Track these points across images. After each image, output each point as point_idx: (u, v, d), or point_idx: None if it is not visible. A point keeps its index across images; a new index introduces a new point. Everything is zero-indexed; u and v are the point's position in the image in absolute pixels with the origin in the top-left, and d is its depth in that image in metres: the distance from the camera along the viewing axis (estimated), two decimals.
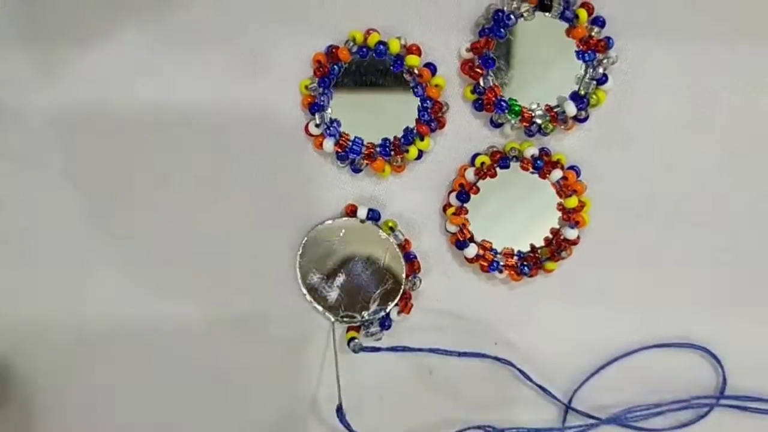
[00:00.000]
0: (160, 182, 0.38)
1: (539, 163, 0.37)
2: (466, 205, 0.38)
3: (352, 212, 0.38)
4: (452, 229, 0.38)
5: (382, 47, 0.35)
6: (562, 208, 0.38)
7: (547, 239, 0.38)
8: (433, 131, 0.37)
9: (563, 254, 0.38)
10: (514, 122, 0.36)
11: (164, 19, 0.36)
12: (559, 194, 0.38)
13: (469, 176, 0.37)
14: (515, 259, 0.39)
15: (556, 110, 0.36)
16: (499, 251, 0.39)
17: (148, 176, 0.38)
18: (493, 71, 0.36)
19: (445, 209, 0.38)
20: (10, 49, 0.36)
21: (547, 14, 0.35)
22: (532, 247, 0.39)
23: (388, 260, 0.38)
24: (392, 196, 0.39)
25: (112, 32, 0.36)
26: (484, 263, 0.38)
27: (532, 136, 0.37)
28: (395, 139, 0.37)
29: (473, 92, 0.36)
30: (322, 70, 0.36)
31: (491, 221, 0.38)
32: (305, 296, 0.39)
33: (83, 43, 0.36)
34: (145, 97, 0.37)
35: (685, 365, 0.41)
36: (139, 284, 0.39)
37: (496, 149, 0.37)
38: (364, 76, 0.36)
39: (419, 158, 0.37)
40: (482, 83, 0.36)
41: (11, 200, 0.38)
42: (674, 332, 0.40)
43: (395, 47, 0.35)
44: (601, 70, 0.36)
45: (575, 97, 0.36)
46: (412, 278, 0.39)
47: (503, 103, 0.36)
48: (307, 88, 0.36)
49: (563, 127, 0.37)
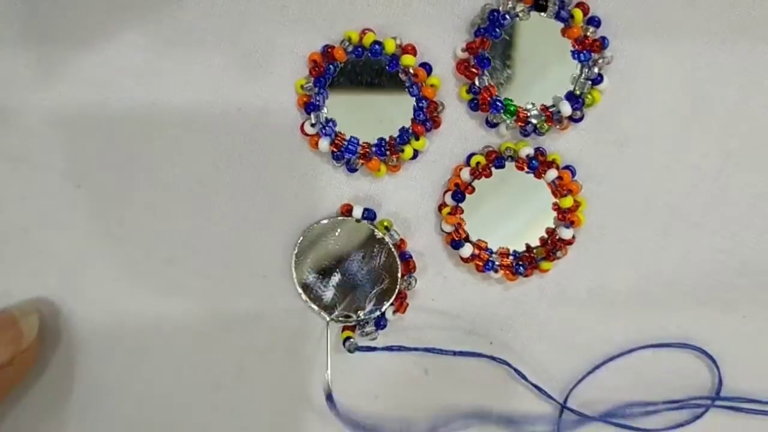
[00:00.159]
0: (157, 182, 0.38)
1: (534, 163, 0.37)
2: (461, 204, 0.38)
3: (347, 212, 0.38)
4: (447, 228, 0.38)
5: (377, 47, 0.35)
6: (557, 207, 0.38)
7: (542, 239, 0.38)
8: (428, 131, 0.37)
9: (559, 254, 0.38)
10: (509, 122, 0.37)
11: (164, 19, 0.36)
12: (554, 194, 0.38)
13: (464, 176, 0.37)
14: (511, 258, 0.39)
15: (551, 110, 0.36)
16: (494, 251, 0.39)
17: (146, 176, 0.38)
18: (488, 71, 0.36)
19: (440, 209, 0.38)
20: (10, 49, 0.36)
21: (542, 14, 0.35)
22: (527, 246, 0.39)
23: (383, 260, 0.38)
24: (388, 195, 0.39)
25: (112, 33, 0.36)
26: (479, 263, 0.38)
27: (527, 136, 0.37)
28: (391, 138, 0.37)
29: (469, 92, 0.36)
30: (317, 69, 0.36)
31: (487, 221, 0.38)
32: (300, 295, 0.39)
33: (83, 43, 0.36)
34: (144, 97, 0.37)
35: (681, 365, 0.40)
36: (135, 284, 0.39)
37: (491, 149, 0.37)
38: (359, 75, 0.36)
39: (415, 158, 0.37)
40: (478, 83, 0.36)
41: (11, 200, 0.38)
42: (670, 332, 0.40)
43: (391, 47, 0.35)
44: (596, 70, 0.36)
45: (571, 97, 0.36)
46: (407, 278, 0.39)
47: (499, 103, 0.36)
48: (302, 87, 0.36)
49: (559, 127, 0.37)
